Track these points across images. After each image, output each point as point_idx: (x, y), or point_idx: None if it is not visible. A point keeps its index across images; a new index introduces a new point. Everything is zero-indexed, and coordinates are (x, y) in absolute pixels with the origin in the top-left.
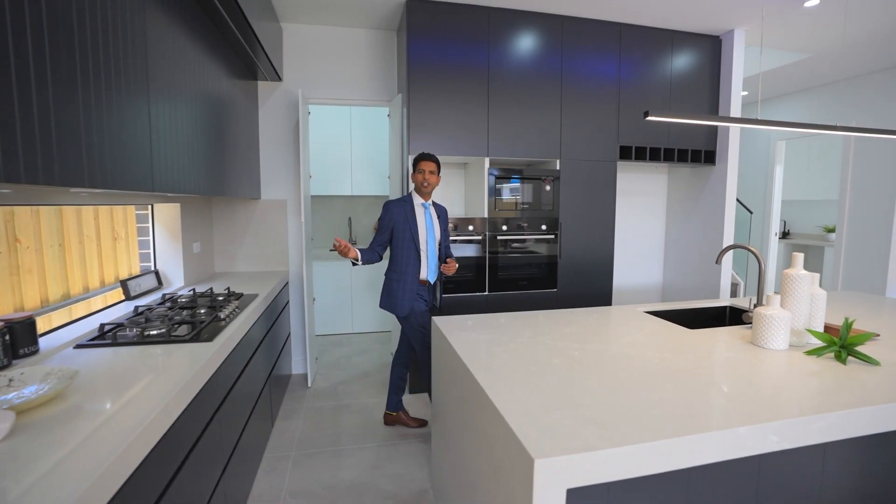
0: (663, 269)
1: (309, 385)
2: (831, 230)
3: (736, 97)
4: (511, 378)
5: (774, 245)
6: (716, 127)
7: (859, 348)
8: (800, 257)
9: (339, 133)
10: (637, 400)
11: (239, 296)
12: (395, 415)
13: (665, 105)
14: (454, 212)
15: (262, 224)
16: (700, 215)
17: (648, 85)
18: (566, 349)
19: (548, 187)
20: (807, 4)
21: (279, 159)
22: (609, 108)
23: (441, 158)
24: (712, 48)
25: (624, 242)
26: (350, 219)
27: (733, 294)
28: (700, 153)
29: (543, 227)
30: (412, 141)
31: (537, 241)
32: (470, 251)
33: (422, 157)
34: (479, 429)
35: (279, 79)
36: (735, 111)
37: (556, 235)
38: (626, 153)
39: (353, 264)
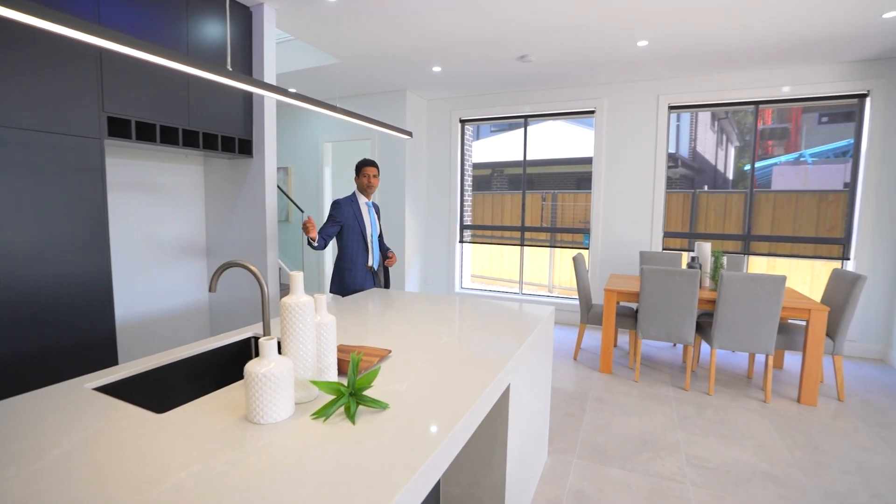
0: (209, 283)
1: None
2: None
3: (269, 81)
4: None
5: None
6: (251, 114)
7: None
8: (298, 278)
9: None
10: None
11: None
12: None
13: (180, 78)
14: None
15: None
16: (242, 215)
17: (151, 40)
18: None
19: None
20: None
21: None
22: (83, 59)
23: None
24: (243, 19)
25: (151, 252)
26: None
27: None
28: (234, 141)
29: None
30: None
31: None
32: None
33: (366, 164)
34: None
35: None
36: (269, 100)
37: None
38: (120, 129)
39: (310, 244)
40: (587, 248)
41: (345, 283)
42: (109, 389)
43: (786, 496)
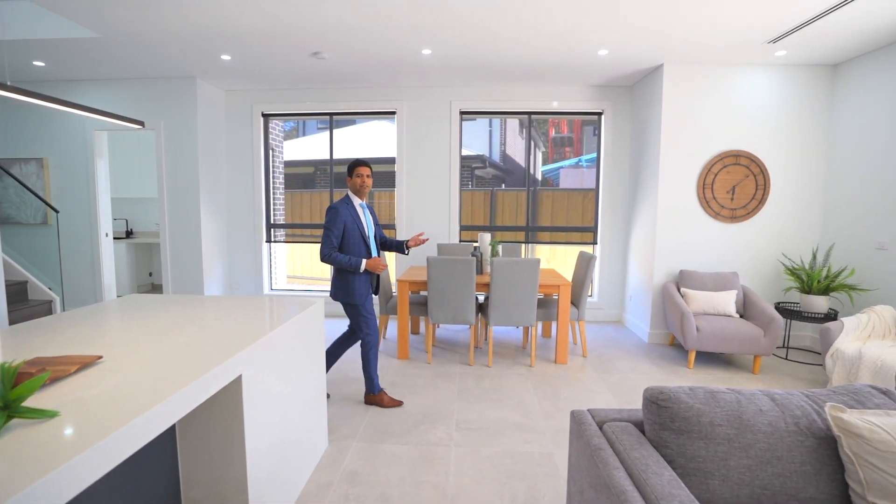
0: None
1: None
2: None
3: None
4: None
5: (109, 246)
6: None
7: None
8: None
9: None
10: None
11: None
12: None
13: None
14: None
15: None
16: None
17: None
18: None
19: None
20: None
21: None
22: None
23: None
24: None
25: None
26: None
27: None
28: None
29: None
30: None
31: None
32: None
33: (359, 164)
34: None
35: None
36: None
37: None
38: None
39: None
40: None
41: (351, 287)
42: None
43: (528, 439)
